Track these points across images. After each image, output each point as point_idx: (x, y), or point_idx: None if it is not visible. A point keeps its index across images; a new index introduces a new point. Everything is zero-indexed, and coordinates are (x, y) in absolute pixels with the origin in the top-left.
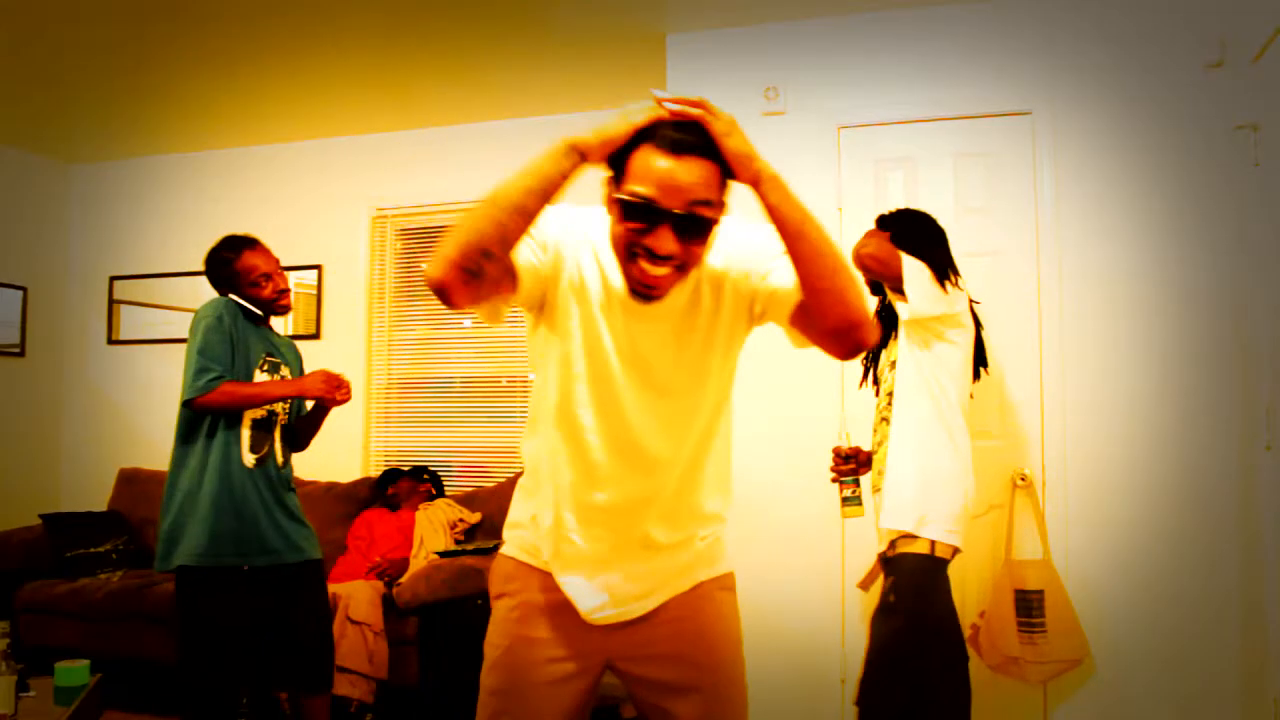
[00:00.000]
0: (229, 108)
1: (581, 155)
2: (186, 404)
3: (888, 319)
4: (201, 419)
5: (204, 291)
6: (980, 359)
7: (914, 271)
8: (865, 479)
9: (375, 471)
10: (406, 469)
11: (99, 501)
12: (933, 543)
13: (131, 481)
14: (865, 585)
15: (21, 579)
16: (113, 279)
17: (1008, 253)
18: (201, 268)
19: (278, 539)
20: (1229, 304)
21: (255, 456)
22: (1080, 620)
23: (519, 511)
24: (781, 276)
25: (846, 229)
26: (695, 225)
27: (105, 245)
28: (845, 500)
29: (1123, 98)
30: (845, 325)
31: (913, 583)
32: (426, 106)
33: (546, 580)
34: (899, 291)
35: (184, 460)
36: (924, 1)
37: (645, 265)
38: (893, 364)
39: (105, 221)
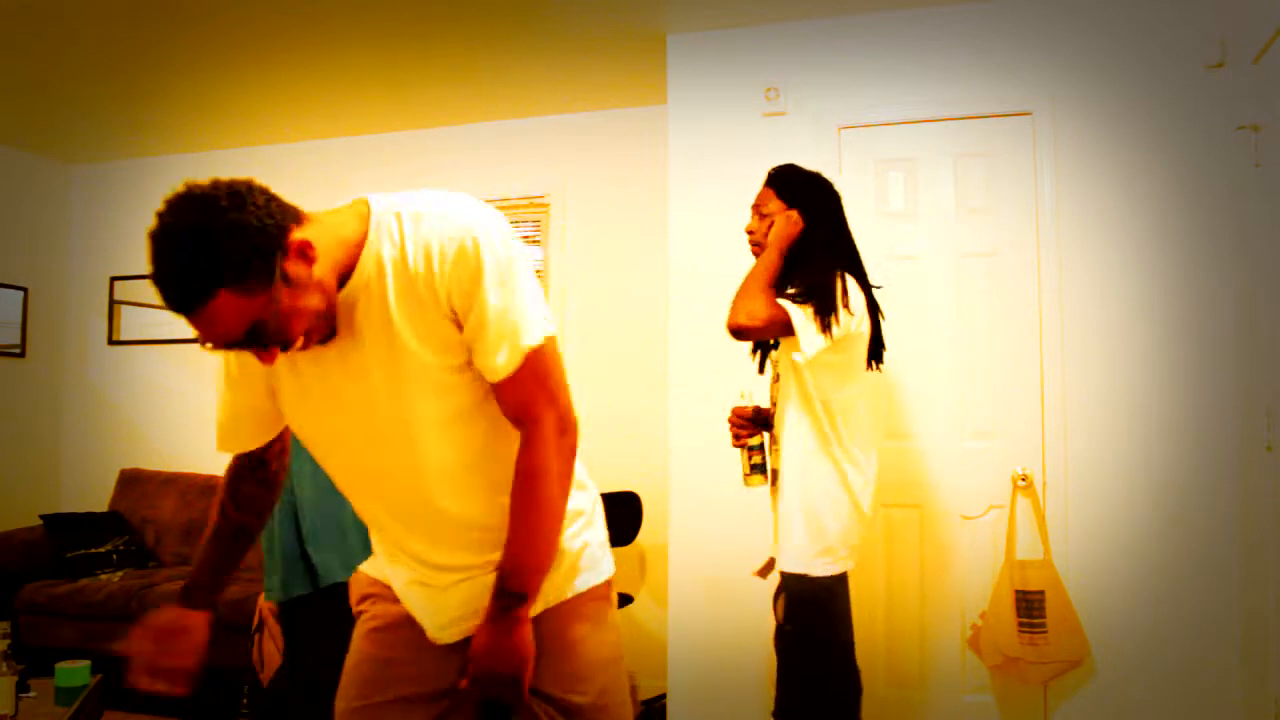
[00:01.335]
0: (229, 108)
1: None
2: None
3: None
4: None
5: None
6: (875, 352)
7: (801, 322)
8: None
9: None
10: None
11: (99, 502)
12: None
13: (132, 482)
14: (764, 574)
15: (22, 579)
16: (113, 279)
17: (1008, 253)
18: None
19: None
20: (1229, 304)
21: None
22: (1081, 620)
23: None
24: (482, 346)
25: None
26: (252, 341)
27: (105, 245)
28: (754, 469)
29: (1123, 98)
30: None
31: (798, 601)
32: (426, 106)
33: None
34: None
35: (298, 463)
36: (924, 1)
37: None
38: (779, 372)
39: (105, 222)
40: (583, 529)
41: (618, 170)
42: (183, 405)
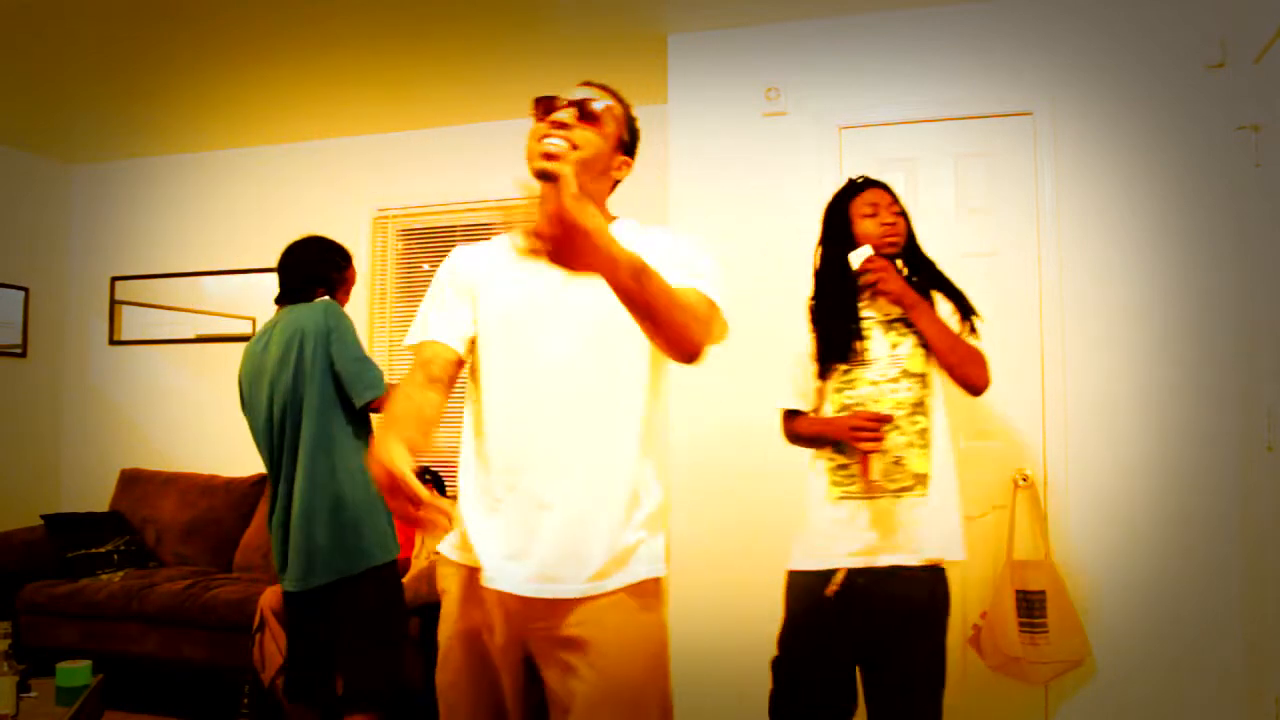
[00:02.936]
0: (229, 108)
1: None
2: (368, 405)
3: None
4: (363, 420)
5: (206, 292)
6: None
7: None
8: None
9: None
10: None
11: (100, 502)
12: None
13: (132, 482)
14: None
15: (23, 579)
16: (113, 279)
17: (1008, 253)
18: (214, 265)
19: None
20: (1229, 304)
21: None
22: (1081, 620)
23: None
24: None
25: None
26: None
27: (106, 246)
28: (887, 477)
29: (1124, 98)
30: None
31: (945, 591)
32: (426, 106)
33: (467, 574)
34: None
35: (346, 464)
36: (924, 1)
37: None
38: (909, 373)
39: (106, 222)
40: (649, 521)
41: None
42: (183, 405)
